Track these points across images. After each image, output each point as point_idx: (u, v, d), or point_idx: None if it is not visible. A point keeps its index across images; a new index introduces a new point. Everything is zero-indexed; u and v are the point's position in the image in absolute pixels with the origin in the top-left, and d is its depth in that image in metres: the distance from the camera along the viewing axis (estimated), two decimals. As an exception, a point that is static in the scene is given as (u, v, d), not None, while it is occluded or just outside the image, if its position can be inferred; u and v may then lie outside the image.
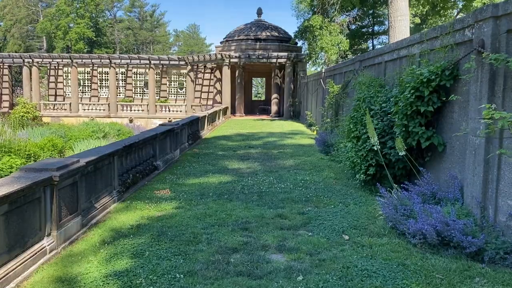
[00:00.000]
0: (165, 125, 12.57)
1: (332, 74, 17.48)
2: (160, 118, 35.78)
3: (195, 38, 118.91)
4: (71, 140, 22.95)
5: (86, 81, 40.67)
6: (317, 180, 9.22)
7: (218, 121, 25.82)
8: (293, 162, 11.64)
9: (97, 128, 24.86)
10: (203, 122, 19.54)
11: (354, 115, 9.07)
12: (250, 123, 26.97)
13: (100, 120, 34.18)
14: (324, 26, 22.67)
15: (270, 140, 16.94)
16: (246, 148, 14.86)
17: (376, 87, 9.38)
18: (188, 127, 15.82)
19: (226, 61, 32.68)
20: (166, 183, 9.23)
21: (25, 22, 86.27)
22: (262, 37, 35.42)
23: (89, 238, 5.91)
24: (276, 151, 13.73)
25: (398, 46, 9.14)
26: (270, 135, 18.99)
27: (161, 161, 11.28)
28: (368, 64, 11.68)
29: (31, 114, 34.35)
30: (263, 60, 33.14)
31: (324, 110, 16.39)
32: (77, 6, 78.83)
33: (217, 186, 8.81)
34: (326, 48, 22.47)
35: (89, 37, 77.82)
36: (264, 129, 22.23)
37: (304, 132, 20.52)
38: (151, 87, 36.31)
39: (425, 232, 5.10)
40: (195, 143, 16.46)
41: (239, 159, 12.45)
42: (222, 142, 16.76)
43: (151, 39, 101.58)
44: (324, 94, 19.44)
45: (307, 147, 14.55)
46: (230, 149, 14.56)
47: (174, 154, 12.73)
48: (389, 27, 24.42)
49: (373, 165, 7.93)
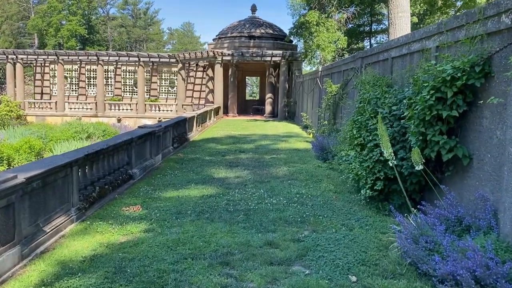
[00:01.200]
0: (145, 128, 11.29)
1: (330, 72, 16.27)
2: (150, 117, 34.45)
3: (189, 37, 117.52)
4: (51, 141, 21.59)
5: (74, 79, 39.21)
6: (315, 194, 7.98)
7: (209, 121, 24.56)
8: (288, 170, 10.40)
9: (80, 129, 23.52)
10: (191, 123, 18.26)
11: (358, 118, 7.85)
12: (243, 124, 25.72)
13: (87, 120, 32.84)
14: (321, 22, 21.44)
15: (263, 144, 15.70)
16: (236, 152, 13.61)
17: (382, 87, 8.17)
18: (174, 129, 14.55)
19: (219, 59, 31.38)
20: (139, 197, 7.95)
21: (16, 19, 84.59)
22: (256, 35, 34.17)
23: (26, 276, 4.63)
24: (268, 157, 12.49)
25: (408, 39, 7.93)
26: (263, 138, 17.75)
27: (138, 168, 10.00)
28: (371, 61, 10.47)
29: (14, 113, 32.88)
30: (257, 58, 31.87)
31: (321, 112, 15.18)
32: (69, 3, 77.43)
33: (198, 202, 7.55)
34: (323, 46, 21.24)
35: (82, 34, 76.46)
36: (257, 131, 20.98)
37: (300, 134, 19.29)
38: (140, 85, 34.95)
39: (459, 277, 3.87)
40: (181, 146, 15.19)
41: (227, 166, 11.20)
42: (211, 145, 15.50)
43: (144, 37, 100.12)
44: (321, 94, 18.23)
45: (302, 152, 13.31)
46: (219, 154, 13.30)
47: (155, 160, 11.45)
48: (389, 24, 23.24)
49: (380, 179, 6.71)
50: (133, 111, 34.93)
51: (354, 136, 7.76)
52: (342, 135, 9.07)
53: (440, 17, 30.92)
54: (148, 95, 38.73)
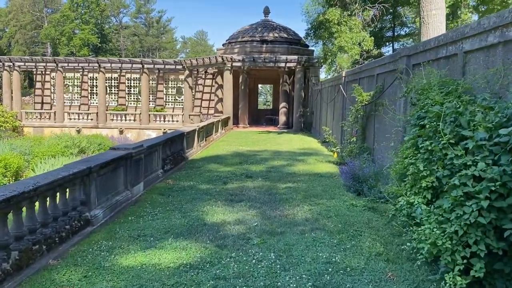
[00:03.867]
0: (118, 150, 8.53)
1: (358, 78, 13.37)
2: (154, 129, 31.93)
3: (203, 45, 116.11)
4: (36, 158, 19.05)
5: (76, 87, 37.01)
6: (356, 266, 5.03)
7: (216, 134, 21.80)
8: (309, 210, 7.49)
9: (71, 143, 20.96)
10: (191, 138, 15.50)
11: (425, 145, 4.93)
12: (254, 137, 22.90)
13: (87, 132, 30.50)
14: (343, 21, 18.61)
15: (276, 165, 12.82)
16: (242, 178, 10.75)
17: (457, 96, 5.28)
18: (165, 148, 11.79)
19: (228, 65, 28.69)
20: (83, 265, 5.14)
21: (29, 28, 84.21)
22: (269, 39, 31.44)
23: None
24: (283, 186, 9.59)
25: (501, 21, 5.04)
26: (276, 156, 14.88)
27: (103, 208, 7.22)
28: (424, 60, 7.56)
29: (9, 124, 30.63)
30: (270, 64, 29.07)
31: (348, 125, 12.26)
32: (82, 12, 76.57)
33: (167, 282, 4.69)
34: (346, 47, 18.38)
35: (94, 43, 75.45)
36: (269, 146, 18.12)
37: (319, 151, 16.35)
38: (144, 94, 32.47)
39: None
40: (176, 167, 12.41)
41: (227, 200, 8.34)
42: (212, 166, 12.68)
43: (157, 45, 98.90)
44: (345, 103, 15.32)
45: (326, 179, 10.37)
46: (220, 180, 10.46)
47: (132, 192, 8.67)
48: (421, 23, 20.33)
49: (481, 256, 3.81)
50: (136, 121, 32.43)
51: (419, 173, 4.86)
52: (395, 166, 6.14)
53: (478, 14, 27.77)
54: (154, 104, 36.30)
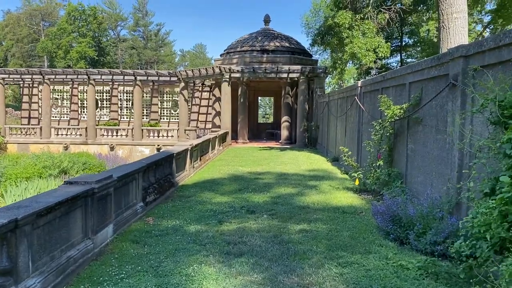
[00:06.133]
0: (75, 184, 6.30)
1: (380, 88, 11.20)
2: (147, 145, 29.73)
3: (202, 58, 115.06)
4: (8, 181, 16.77)
5: (65, 101, 34.90)
6: None
7: (212, 152, 19.58)
8: (339, 276, 5.18)
9: (50, 162, 18.68)
10: (183, 159, 13.26)
11: None
12: (254, 154, 20.69)
13: (75, 148, 28.28)
14: (355, 25, 16.54)
15: (283, 193, 10.56)
16: (242, 213, 8.50)
17: None
18: (147, 174, 9.55)
19: (226, 76, 26.58)
20: None
21: (26, 42, 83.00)
22: (270, 48, 29.41)
23: None
24: (296, 228, 7.30)
25: None
26: (282, 180, 12.62)
27: (44, 274, 4.95)
28: (496, 61, 5.41)
29: (-9, 141, 28.43)
30: (271, 74, 26.96)
31: (372, 146, 10.03)
32: (79, 25, 75.26)
33: None
34: (360, 54, 16.27)
35: (91, 56, 73.94)
36: (272, 167, 15.88)
37: (332, 173, 14.09)
38: (137, 108, 30.30)
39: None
40: (161, 197, 10.16)
41: (222, 254, 6.07)
42: (205, 196, 10.43)
43: (155, 58, 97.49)
44: (361, 118, 13.14)
45: (351, 217, 8.06)
46: (214, 217, 8.21)
47: (95, 241, 6.40)
48: (440, 28, 18.31)
49: None
50: (128, 137, 30.20)
51: None
52: (474, 217, 3.91)
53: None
54: (148, 118, 34.18)
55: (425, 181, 7.90)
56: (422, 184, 8.06)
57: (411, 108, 8.55)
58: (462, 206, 6.27)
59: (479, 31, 36.25)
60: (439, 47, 18.61)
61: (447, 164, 6.77)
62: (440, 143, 7.22)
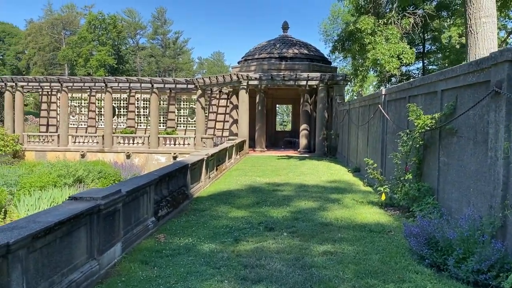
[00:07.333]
0: (79, 200, 5.84)
1: (406, 96, 10.52)
2: (163, 153, 29.45)
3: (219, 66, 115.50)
4: (23, 189, 16.56)
5: (83, 108, 34.99)
6: None
7: (229, 161, 19.08)
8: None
9: (65, 171, 18.44)
10: (198, 169, 12.77)
11: None
12: (272, 163, 20.10)
13: (92, 156, 28.18)
14: (378, 30, 15.87)
15: (303, 208, 9.94)
16: (260, 231, 7.91)
17: None
18: (159, 187, 9.07)
19: (244, 83, 26.14)
20: None
21: (48, 50, 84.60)
22: (288, 55, 28.90)
23: None
24: (319, 250, 6.67)
25: None
26: (302, 192, 12.00)
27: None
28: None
29: (10, 148, 28.52)
30: (290, 82, 26.40)
31: (400, 158, 9.35)
32: (99, 33, 76.43)
33: None
34: (383, 61, 15.58)
35: (110, 64, 75.01)
36: (291, 177, 15.27)
37: (354, 185, 13.40)
38: (154, 115, 30.11)
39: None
40: (175, 211, 9.66)
41: (238, 279, 5.48)
42: (221, 209, 9.88)
43: (173, 66, 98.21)
44: (385, 127, 12.45)
45: (379, 236, 7.38)
46: (229, 234, 7.64)
47: (101, 261, 5.90)
48: (467, 33, 17.50)
49: None
50: (145, 145, 30.00)
51: None
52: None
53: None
54: (165, 126, 33.98)
55: (460, 198, 7.20)
56: (457, 201, 7.35)
57: (444, 118, 7.87)
58: (507, 228, 5.57)
59: (503, 37, 35.07)
60: (467, 53, 17.76)
61: (489, 181, 6.07)
62: (479, 156, 6.54)
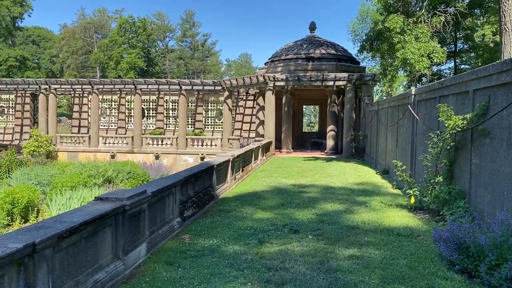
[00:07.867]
0: (105, 200, 5.92)
1: (437, 96, 10.21)
2: (191, 154, 29.75)
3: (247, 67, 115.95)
4: (55, 189, 17.03)
5: (113, 110, 35.76)
6: None
7: (255, 162, 19.06)
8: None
9: (95, 171, 18.87)
10: (224, 170, 12.81)
11: None
12: (298, 165, 19.96)
13: (121, 157, 28.77)
14: (408, 29, 15.49)
15: (329, 210, 9.79)
16: (285, 233, 7.84)
17: None
18: (185, 188, 9.12)
19: (270, 85, 26.10)
20: None
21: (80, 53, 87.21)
22: (315, 56, 28.67)
23: None
24: (344, 254, 6.54)
25: None
26: (328, 195, 11.84)
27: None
28: None
29: (43, 149, 29.46)
30: (317, 83, 26.17)
31: (430, 160, 9.08)
32: (129, 36, 78.24)
33: None
34: (413, 60, 15.19)
35: (140, 66, 76.68)
36: (317, 179, 15.11)
37: (382, 188, 13.12)
38: (182, 117, 30.48)
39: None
40: (200, 211, 9.70)
41: (261, 282, 5.43)
42: (246, 211, 9.86)
43: (202, 68, 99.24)
44: (415, 128, 12.13)
45: (407, 240, 7.16)
46: (254, 236, 7.61)
47: (126, 262, 5.97)
48: (501, 31, 16.89)
49: None
50: (173, 146, 30.38)
51: None
52: None
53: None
54: (193, 127, 34.32)
55: (493, 202, 6.91)
56: (489, 204, 7.06)
57: (476, 119, 7.58)
58: (545, 235, 5.29)
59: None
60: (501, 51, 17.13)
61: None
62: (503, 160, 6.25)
